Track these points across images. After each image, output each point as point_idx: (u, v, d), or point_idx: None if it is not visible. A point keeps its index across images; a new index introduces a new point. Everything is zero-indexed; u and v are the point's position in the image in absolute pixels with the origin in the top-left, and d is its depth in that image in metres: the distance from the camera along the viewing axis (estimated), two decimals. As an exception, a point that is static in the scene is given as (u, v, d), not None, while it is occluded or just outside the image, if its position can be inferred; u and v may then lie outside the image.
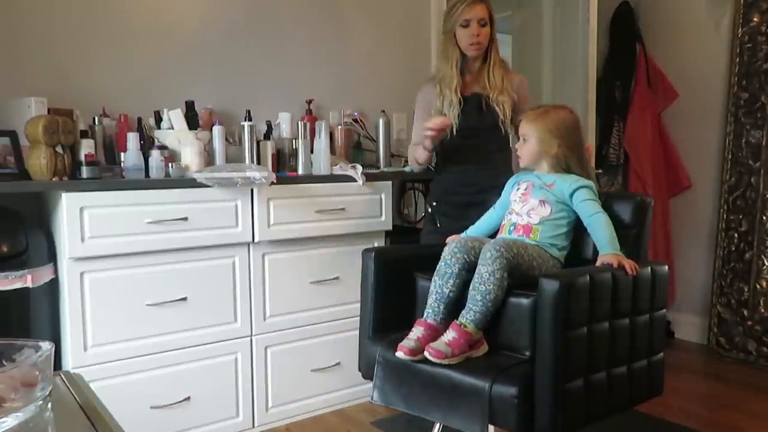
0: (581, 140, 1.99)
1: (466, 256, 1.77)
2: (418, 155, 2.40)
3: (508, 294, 1.69)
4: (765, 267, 3.21)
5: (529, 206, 1.90)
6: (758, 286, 3.23)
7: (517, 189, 1.98)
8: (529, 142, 1.95)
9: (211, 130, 2.47)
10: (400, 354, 1.68)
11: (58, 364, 2.06)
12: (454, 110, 2.28)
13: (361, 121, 3.05)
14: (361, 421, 2.56)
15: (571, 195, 1.86)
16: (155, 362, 2.20)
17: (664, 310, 1.88)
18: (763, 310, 3.22)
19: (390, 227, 2.69)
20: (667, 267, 1.89)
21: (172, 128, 2.44)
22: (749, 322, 3.27)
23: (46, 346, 0.83)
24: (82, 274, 2.05)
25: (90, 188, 2.06)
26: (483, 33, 2.27)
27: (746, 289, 3.28)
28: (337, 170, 2.60)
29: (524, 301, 1.66)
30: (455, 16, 2.27)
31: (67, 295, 2.04)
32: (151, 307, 2.17)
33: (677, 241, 3.71)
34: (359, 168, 2.59)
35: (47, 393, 0.81)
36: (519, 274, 1.72)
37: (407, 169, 2.61)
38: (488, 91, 2.34)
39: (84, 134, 2.22)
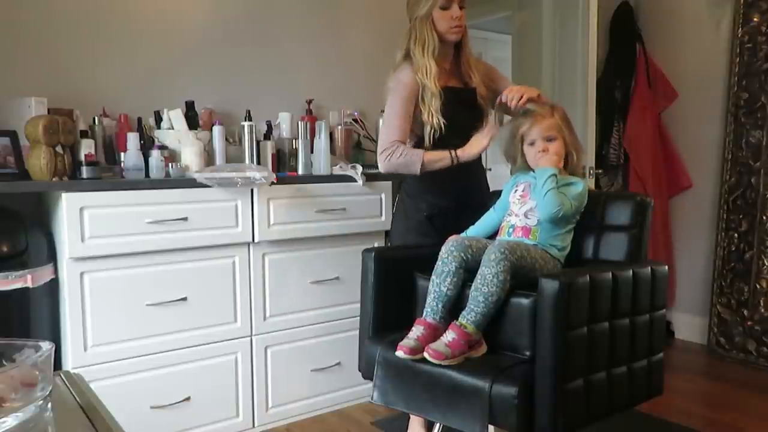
0: None
1: (463, 255, 1.77)
2: (440, 162, 2.08)
3: (509, 294, 1.69)
4: (765, 267, 3.21)
5: (527, 207, 1.90)
6: (758, 286, 3.23)
7: (515, 191, 1.98)
8: (557, 141, 1.92)
9: (211, 130, 2.48)
10: (400, 353, 1.68)
11: (58, 364, 2.06)
12: (435, 103, 2.07)
13: (361, 121, 3.05)
14: (361, 421, 2.56)
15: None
16: (155, 362, 2.20)
17: (664, 310, 1.88)
18: (763, 310, 3.22)
19: (390, 227, 2.69)
20: (667, 267, 1.89)
21: (172, 128, 2.44)
22: (749, 322, 3.26)
23: (46, 346, 0.83)
24: (82, 274, 2.05)
25: (90, 188, 2.06)
26: (463, 15, 2.12)
27: (746, 289, 3.28)
28: (337, 170, 2.60)
29: (524, 301, 1.66)
30: None
31: (67, 295, 2.05)
32: (151, 307, 2.17)
33: (677, 241, 3.71)
34: (359, 168, 2.59)
35: (47, 393, 0.81)
36: (521, 275, 1.72)
37: (384, 168, 2.12)
38: (472, 83, 2.20)
39: (84, 134, 2.22)
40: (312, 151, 2.59)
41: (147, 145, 2.35)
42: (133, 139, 2.25)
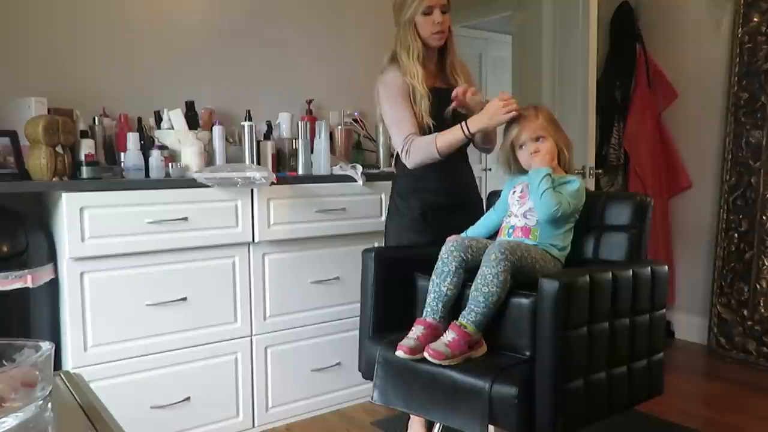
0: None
1: (462, 255, 1.77)
2: (453, 140, 2.04)
3: (509, 294, 1.69)
4: (765, 267, 3.21)
5: (526, 207, 1.90)
6: (758, 286, 3.23)
7: (513, 192, 1.98)
8: (547, 140, 1.92)
9: (211, 130, 2.48)
10: (399, 353, 1.68)
11: (58, 364, 2.06)
12: (424, 103, 2.10)
13: (361, 121, 3.05)
14: (361, 421, 2.56)
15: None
16: (155, 362, 2.20)
17: (664, 310, 1.88)
18: (763, 310, 3.22)
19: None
20: (667, 267, 1.89)
21: (172, 128, 2.44)
22: (749, 322, 3.26)
23: (46, 346, 0.84)
24: (82, 274, 2.05)
25: (90, 188, 2.06)
26: (445, 20, 2.13)
27: (746, 289, 3.28)
28: (337, 170, 2.60)
29: (524, 301, 1.66)
30: (415, 4, 2.11)
31: (67, 295, 2.05)
32: (151, 307, 2.17)
33: (677, 241, 3.71)
34: (359, 168, 2.59)
35: (47, 393, 0.81)
36: (521, 276, 1.72)
37: (411, 164, 2.11)
38: (457, 85, 2.17)
39: (84, 134, 2.22)
40: (312, 151, 2.59)
41: (147, 145, 2.34)
42: (133, 139, 2.25)
